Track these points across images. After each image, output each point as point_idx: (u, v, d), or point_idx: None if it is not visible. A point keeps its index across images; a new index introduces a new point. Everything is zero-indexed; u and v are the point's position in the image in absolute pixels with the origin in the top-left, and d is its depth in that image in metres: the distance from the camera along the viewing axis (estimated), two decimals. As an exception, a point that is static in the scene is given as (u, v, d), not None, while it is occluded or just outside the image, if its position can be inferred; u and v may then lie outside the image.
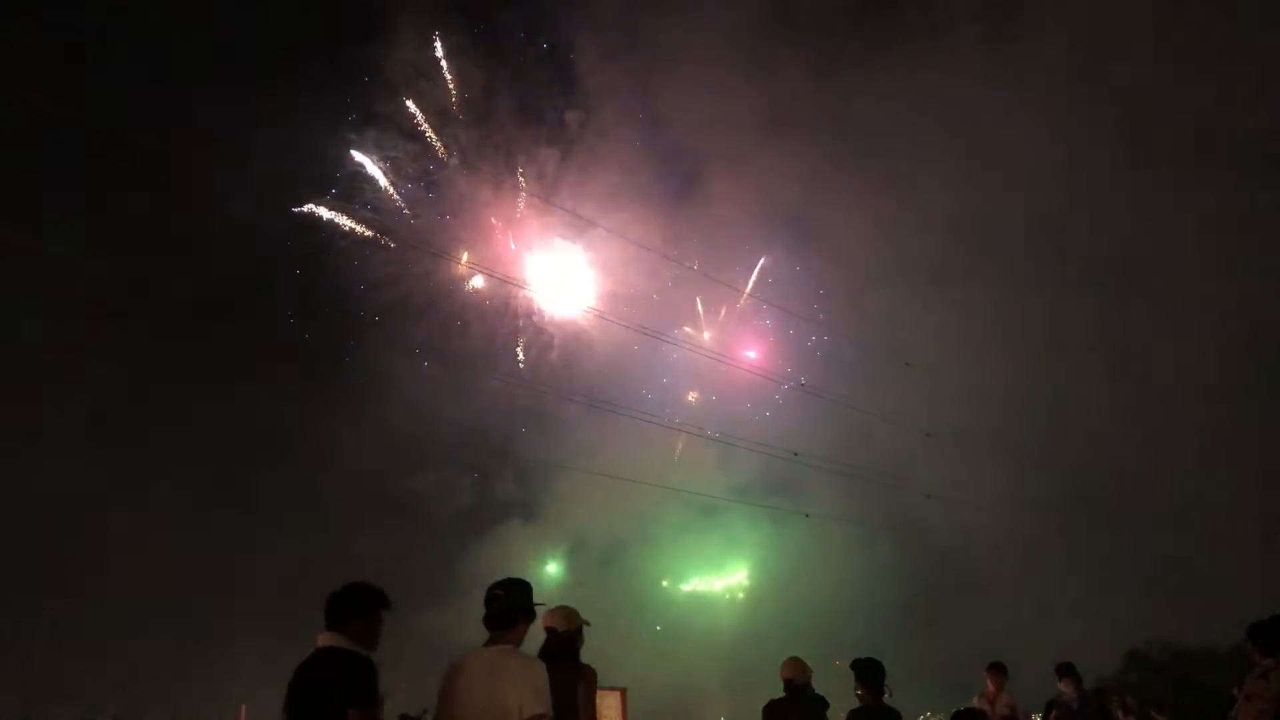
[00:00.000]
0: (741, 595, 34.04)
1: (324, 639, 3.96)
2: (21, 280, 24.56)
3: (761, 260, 35.34)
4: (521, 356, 33.45)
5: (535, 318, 33.97)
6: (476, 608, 4.39)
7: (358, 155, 30.85)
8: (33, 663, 23.35)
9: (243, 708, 19.86)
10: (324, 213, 29.86)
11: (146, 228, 27.34)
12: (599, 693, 8.28)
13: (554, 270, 33.36)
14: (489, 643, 4.19)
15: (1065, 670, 8.95)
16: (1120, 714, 11.37)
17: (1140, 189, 30.46)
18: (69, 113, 22.82)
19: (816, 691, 6.54)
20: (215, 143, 25.35)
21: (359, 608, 4.04)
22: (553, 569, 33.26)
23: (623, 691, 7.16)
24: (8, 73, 22.49)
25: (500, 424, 32.42)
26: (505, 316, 33.95)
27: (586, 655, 5.18)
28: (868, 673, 6.46)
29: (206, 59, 26.39)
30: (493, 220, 32.98)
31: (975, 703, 8.61)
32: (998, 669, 8.83)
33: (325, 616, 4.00)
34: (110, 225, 26.05)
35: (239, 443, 28.42)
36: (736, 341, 35.39)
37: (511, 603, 4.23)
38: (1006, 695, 8.65)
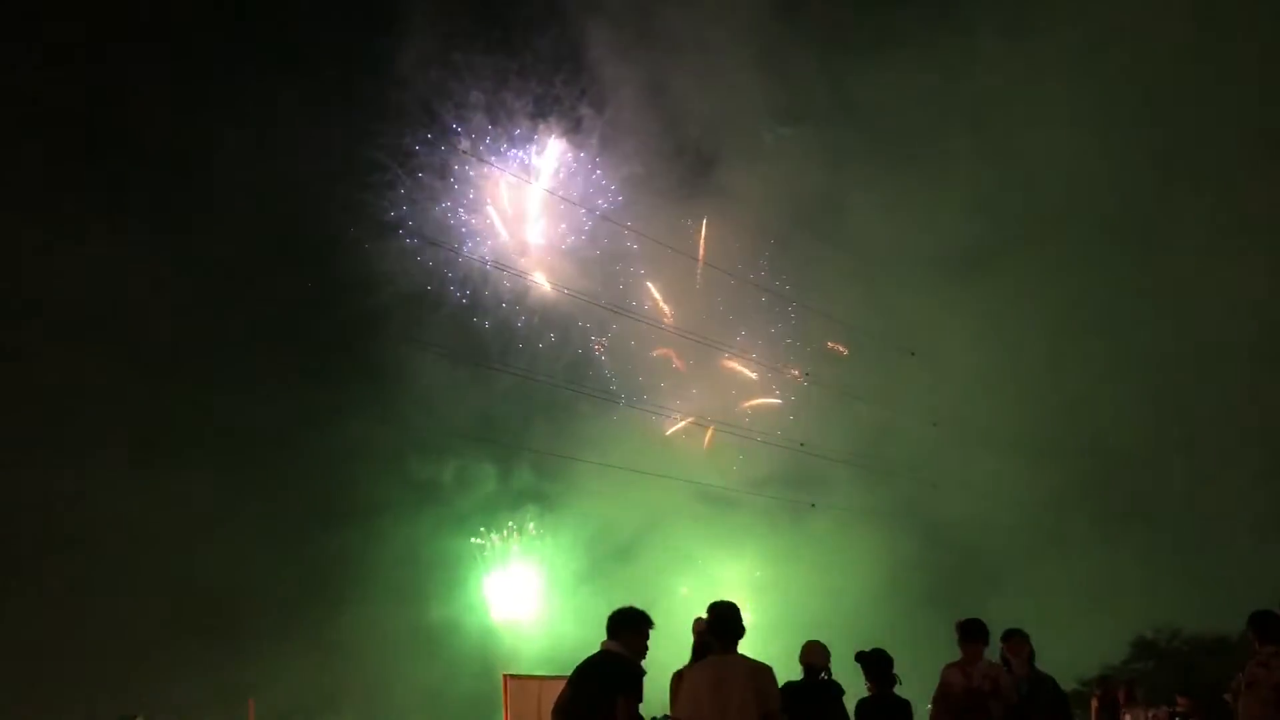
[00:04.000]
0: (754, 583, 34.08)
1: (605, 645, 5.04)
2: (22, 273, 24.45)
3: (770, 251, 35.17)
4: (532, 348, 33.41)
5: (551, 310, 33.88)
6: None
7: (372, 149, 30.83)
8: (35, 660, 23.37)
9: (251, 702, 19.88)
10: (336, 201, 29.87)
11: (158, 221, 27.25)
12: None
13: (570, 265, 33.32)
14: (720, 651, 5.04)
15: (1013, 639, 7.14)
16: (1124, 703, 11.25)
17: (1157, 179, 30.09)
18: (73, 108, 22.87)
19: (835, 679, 6.62)
20: (227, 136, 25.07)
21: (628, 623, 5.07)
22: (569, 559, 33.25)
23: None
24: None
25: (516, 415, 32.37)
26: (518, 310, 33.92)
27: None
28: (873, 664, 6.54)
29: (213, 49, 26.16)
30: (507, 213, 32.90)
31: (945, 675, 6.95)
32: (972, 630, 6.89)
33: (606, 629, 5.09)
34: (116, 219, 25.97)
35: (248, 435, 28.30)
36: (747, 333, 35.28)
37: (735, 621, 5.14)
38: (985, 663, 6.80)
